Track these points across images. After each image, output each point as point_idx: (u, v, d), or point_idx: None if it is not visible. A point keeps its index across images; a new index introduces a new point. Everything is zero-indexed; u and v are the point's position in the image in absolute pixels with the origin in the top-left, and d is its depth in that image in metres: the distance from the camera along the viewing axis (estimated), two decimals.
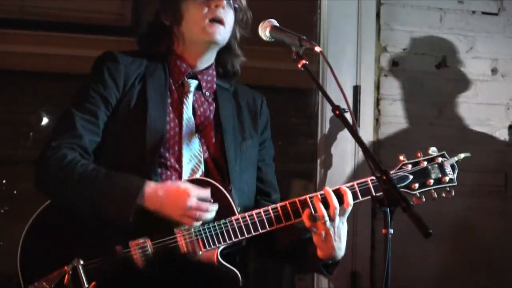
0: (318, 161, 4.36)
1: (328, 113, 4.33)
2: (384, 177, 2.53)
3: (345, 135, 4.31)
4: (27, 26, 5.57)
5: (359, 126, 4.32)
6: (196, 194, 2.87)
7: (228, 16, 3.13)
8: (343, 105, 2.79)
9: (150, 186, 2.87)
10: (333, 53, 4.35)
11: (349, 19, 4.42)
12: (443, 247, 4.38)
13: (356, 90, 4.36)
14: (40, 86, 5.76)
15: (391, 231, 2.53)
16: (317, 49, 2.87)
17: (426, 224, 2.38)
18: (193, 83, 3.16)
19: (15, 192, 5.06)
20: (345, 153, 4.35)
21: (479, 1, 4.59)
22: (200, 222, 2.89)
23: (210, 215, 2.89)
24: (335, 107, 2.73)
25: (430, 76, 4.50)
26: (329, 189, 2.94)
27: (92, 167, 2.92)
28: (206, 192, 2.90)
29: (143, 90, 3.06)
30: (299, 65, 2.88)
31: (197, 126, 3.11)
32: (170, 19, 3.15)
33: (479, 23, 4.58)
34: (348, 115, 2.76)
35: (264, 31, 3.04)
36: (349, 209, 2.94)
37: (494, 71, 4.58)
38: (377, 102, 4.43)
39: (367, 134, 4.35)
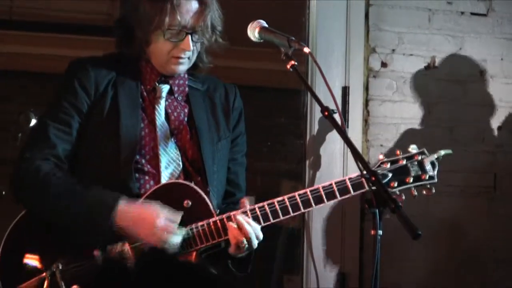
0: (307, 162, 4.36)
1: (317, 113, 4.32)
2: (373, 178, 2.54)
3: (333, 136, 4.31)
4: (16, 26, 5.56)
5: (348, 127, 4.32)
6: (165, 216, 2.87)
7: (194, 50, 3.09)
8: (332, 106, 2.79)
9: (123, 204, 2.88)
10: (321, 54, 4.35)
11: (338, 20, 4.41)
12: (432, 248, 4.38)
13: (345, 91, 4.36)
14: (29, 86, 5.75)
15: (380, 232, 2.53)
16: (306, 50, 2.87)
17: (415, 225, 2.38)
18: (165, 88, 3.13)
19: (3, 192, 5.04)
20: (333, 154, 4.34)
21: (468, 1, 4.60)
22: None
23: (176, 238, 2.87)
24: (323, 108, 2.73)
25: (419, 76, 4.50)
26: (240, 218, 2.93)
27: (68, 181, 2.94)
28: (175, 215, 2.89)
29: (114, 97, 3.05)
30: (288, 66, 2.87)
31: (172, 131, 3.09)
32: (141, 35, 3.09)
33: (468, 24, 4.59)
34: (336, 116, 2.76)
35: (253, 32, 3.04)
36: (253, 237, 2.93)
37: (483, 72, 4.59)
38: (366, 103, 4.43)
39: (356, 135, 4.35)
